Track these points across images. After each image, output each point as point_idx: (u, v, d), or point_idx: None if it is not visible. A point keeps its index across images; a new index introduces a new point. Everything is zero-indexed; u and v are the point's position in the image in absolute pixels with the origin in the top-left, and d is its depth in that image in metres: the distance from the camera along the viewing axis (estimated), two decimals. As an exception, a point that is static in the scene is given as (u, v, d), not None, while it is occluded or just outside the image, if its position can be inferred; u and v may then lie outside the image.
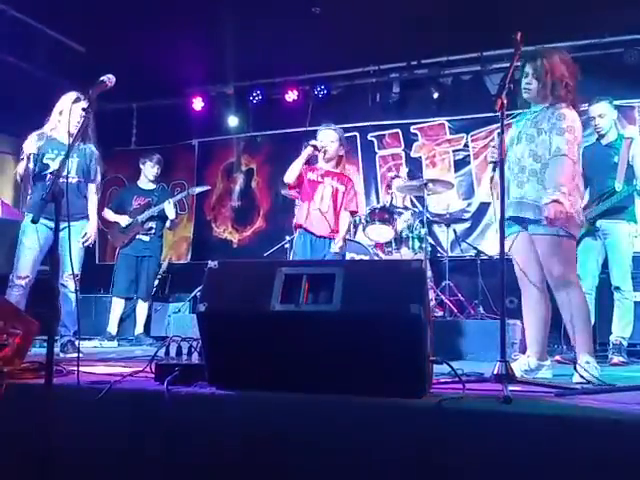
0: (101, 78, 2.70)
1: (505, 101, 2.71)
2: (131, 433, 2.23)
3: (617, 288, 4.57)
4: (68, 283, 4.13)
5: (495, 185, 3.15)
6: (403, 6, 5.63)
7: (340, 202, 4.49)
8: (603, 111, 4.72)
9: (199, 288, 4.93)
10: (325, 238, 4.42)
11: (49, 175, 4.23)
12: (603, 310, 4.72)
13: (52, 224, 4.02)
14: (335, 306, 2.20)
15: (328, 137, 4.58)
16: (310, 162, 4.71)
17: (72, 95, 4.22)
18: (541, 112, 3.25)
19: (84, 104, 2.97)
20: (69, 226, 3.08)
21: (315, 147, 4.45)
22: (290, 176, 4.48)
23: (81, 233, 4.36)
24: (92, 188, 4.58)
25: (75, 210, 4.29)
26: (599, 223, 4.61)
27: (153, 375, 2.53)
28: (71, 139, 3.21)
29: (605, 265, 4.70)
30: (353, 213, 4.68)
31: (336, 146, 4.57)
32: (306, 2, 5.73)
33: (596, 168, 4.65)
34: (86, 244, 4.42)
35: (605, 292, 4.71)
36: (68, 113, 3.98)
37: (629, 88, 6.10)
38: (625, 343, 4.57)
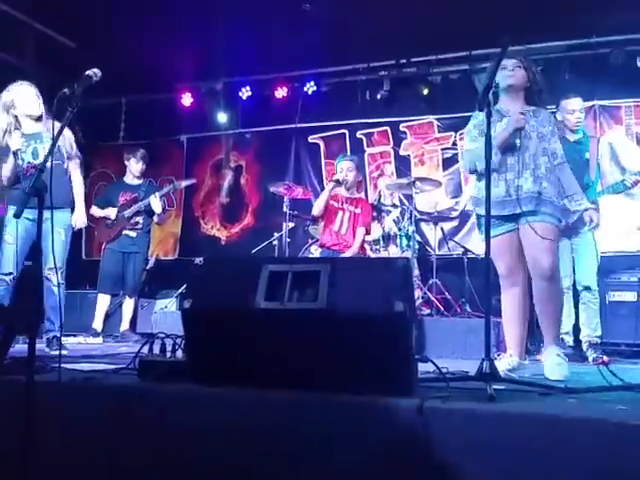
0: (87, 72, 2.67)
1: (492, 100, 2.70)
2: (113, 431, 2.20)
3: (587, 288, 4.59)
4: (51, 277, 4.06)
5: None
6: (392, 4, 5.62)
7: (357, 222, 5.16)
8: (581, 106, 4.75)
9: (186, 285, 4.91)
10: (343, 253, 5.06)
11: (28, 168, 4.18)
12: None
13: (33, 215, 4.00)
14: (320, 303, 2.18)
15: (346, 167, 5.15)
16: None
17: (28, 87, 4.18)
18: (538, 113, 3.27)
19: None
20: (52, 218, 3.01)
21: (338, 182, 5.04)
22: (317, 210, 5.11)
23: (63, 223, 4.27)
24: (72, 164, 4.43)
25: (57, 198, 4.23)
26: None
27: (136, 372, 2.50)
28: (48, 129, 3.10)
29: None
30: (367, 230, 5.30)
31: (354, 174, 5.16)
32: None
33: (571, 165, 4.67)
34: (76, 228, 4.38)
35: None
36: (32, 102, 3.95)
37: (615, 88, 6.12)
38: (599, 342, 4.63)
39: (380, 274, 2.24)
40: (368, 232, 5.36)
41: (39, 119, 4.25)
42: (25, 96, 4.22)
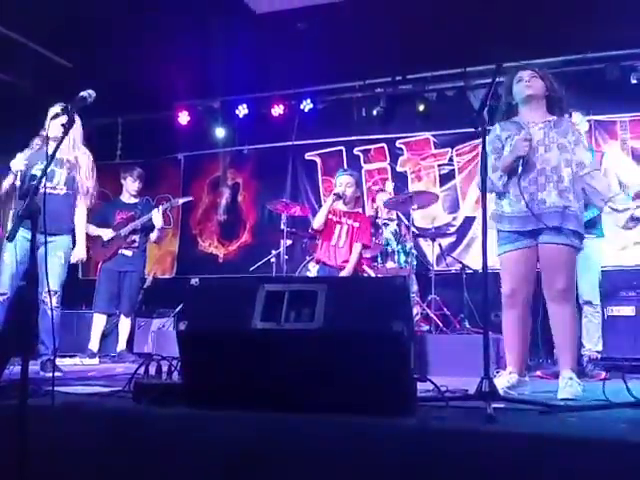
0: (81, 94, 2.66)
1: (486, 118, 2.70)
2: (107, 455, 2.17)
3: (589, 302, 4.56)
4: (47, 299, 4.03)
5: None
6: (387, 22, 5.66)
7: (355, 236, 5.05)
8: (582, 120, 4.76)
9: (182, 304, 4.89)
10: (341, 268, 4.93)
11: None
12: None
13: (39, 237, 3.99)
14: (317, 324, 2.17)
15: (346, 182, 5.09)
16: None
17: (52, 110, 4.17)
18: (559, 123, 3.23)
19: (63, 120, 2.92)
20: (46, 242, 3.00)
21: (337, 195, 5.02)
22: (318, 223, 5.05)
23: (63, 247, 4.27)
24: (78, 199, 4.45)
25: (59, 223, 4.22)
26: None
27: (132, 395, 2.47)
28: (47, 148, 3.13)
29: None
30: (365, 246, 5.16)
31: (353, 189, 5.13)
32: (291, 18, 5.74)
33: None
34: (73, 262, 4.36)
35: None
36: (47, 129, 3.94)
37: (610, 103, 6.15)
38: (599, 357, 4.59)
39: (377, 293, 2.23)
40: (367, 247, 5.29)
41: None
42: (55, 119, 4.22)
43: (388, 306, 2.16)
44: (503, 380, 3.18)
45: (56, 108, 4.13)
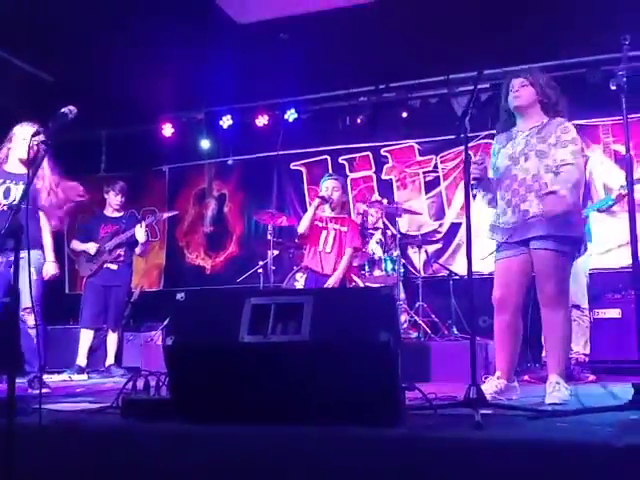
0: (62, 110, 2.65)
1: (468, 126, 2.73)
2: (97, 472, 2.16)
3: (577, 306, 4.59)
4: (26, 318, 3.97)
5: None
6: (370, 30, 5.69)
7: (344, 242, 5.00)
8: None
9: (169, 319, 4.86)
10: (329, 276, 4.88)
11: (3, 207, 4.15)
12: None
13: (6, 257, 3.95)
14: (304, 336, 2.18)
15: (332, 186, 5.05)
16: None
17: (28, 128, 4.12)
18: (545, 127, 3.22)
19: (42, 137, 2.89)
20: (17, 259, 2.91)
21: (323, 198, 4.97)
22: (303, 227, 4.97)
23: (33, 262, 4.14)
24: (41, 215, 4.31)
25: (26, 238, 4.15)
26: None
27: (120, 411, 2.47)
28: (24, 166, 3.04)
29: None
30: (356, 249, 5.13)
31: (339, 194, 5.09)
32: (274, 29, 5.76)
33: None
34: (46, 278, 4.30)
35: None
36: (23, 144, 3.91)
37: (592, 108, 6.20)
38: (587, 360, 4.62)
39: (363, 304, 2.25)
40: (358, 250, 5.25)
41: (26, 162, 4.16)
42: (19, 136, 4.21)
43: (374, 316, 2.18)
44: (491, 386, 3.19)
45: (28, 129, 4.09)
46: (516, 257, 3.21)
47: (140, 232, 5.76)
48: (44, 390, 3.28)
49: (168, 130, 7.65)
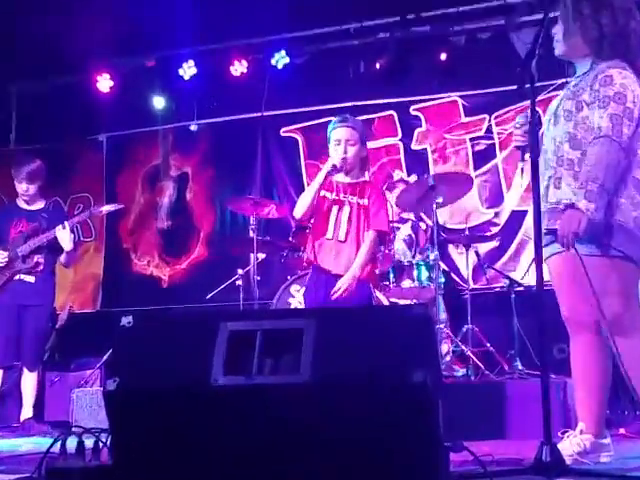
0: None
1: (535, 73, 2.73)
2: None
3: None
4: None
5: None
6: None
7: (364, 222, 4.57)
8: None
9: (110, 352, 4.88)
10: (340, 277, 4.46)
11: None
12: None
13: None
14: (304, 376, 2.18)
15: (344, 136, 4.58)
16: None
17: None
18: (583, 77, 3.24)
19: None
20: None
21: (335, 167, 4.52)
22: (302, 209, 4.57)
23: None
24: None
25: None
26: None
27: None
28: None
29: None
30: (382, 233, 4.70)
31: (356, 149, 4.59)
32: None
33: None
34: None
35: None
36: None
37: None
38: None
39: (388, 330, 2.25)
40: (386, 235, 4.91)
41: None
42: None
43: (403, 347, 2.18)
44: (572, 444, 3.19)
45: None
46: (563, 252, 3.22)
47: (64, 236, 5.73)
48: None
49: (105, 83, 7.67)
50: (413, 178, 6.88)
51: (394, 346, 2.19)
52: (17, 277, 5.89)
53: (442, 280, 5.94)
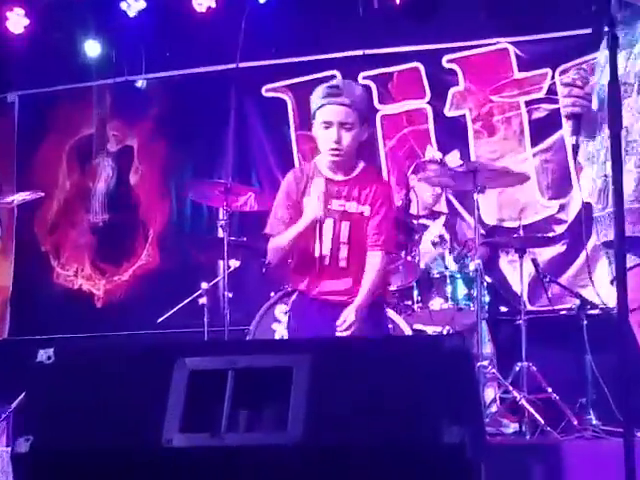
0: None
1: (618, 14, 2.75)
2: None
3: None
4: None
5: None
6: None
7: (366, 234, 4.53)
8: None
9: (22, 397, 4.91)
10: (343, 305, 4.46)
11: None
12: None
13: None
14: (292, 435, 2.18)
15: (336, 117, 4.42)
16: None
17: None
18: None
19: None
20: None
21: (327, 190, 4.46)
22: (274, 255, 4.63)
23: None
24: None
25: None
26: None
27: None
28: None
29: None
30: (390, 254, 4.80)
31: (353, 134, 4.46)
32: None
33: None
34: None
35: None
36: None
37: None
38: None
39: (412, 370, 2.25)
40: (394, 250, 5.00)
41: None
42: None
43: (434, 394, 2.18)
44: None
45: None
46: None
47: None
48: None
49: (17, 23, 7.67)
50: (453, 157, 6.87)
51: (420, 393, 2.20)
52: None
53: (486, 299, 5.96)
